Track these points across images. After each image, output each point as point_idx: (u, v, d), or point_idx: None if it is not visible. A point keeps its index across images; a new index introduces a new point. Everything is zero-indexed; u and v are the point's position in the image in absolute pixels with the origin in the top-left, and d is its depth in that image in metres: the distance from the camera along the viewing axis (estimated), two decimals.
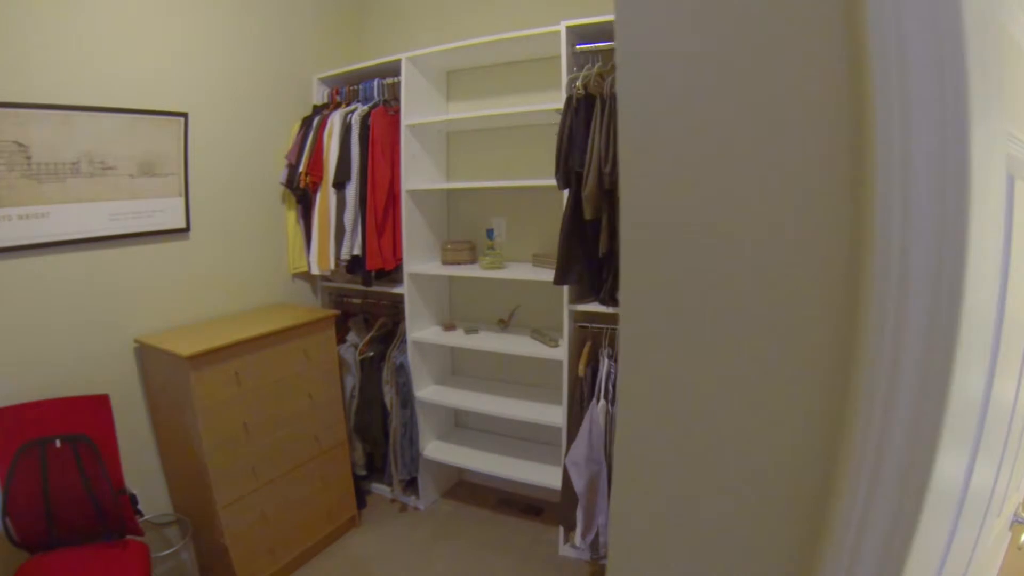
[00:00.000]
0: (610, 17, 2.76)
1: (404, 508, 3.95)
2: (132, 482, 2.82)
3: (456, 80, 3.91)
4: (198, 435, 2.85)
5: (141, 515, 2.75)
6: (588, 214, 2.82)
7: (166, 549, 3.08)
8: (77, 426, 2.64)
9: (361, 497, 3.86)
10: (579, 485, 2.99)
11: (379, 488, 4.09)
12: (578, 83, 2.90)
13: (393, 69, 3.62)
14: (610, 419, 2.94)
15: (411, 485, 3.92)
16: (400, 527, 3.76)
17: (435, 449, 3.85)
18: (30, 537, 2.54)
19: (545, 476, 3.47)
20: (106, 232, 3.02)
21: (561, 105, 2.99)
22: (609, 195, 2.81)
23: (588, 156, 2.81)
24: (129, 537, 2.66)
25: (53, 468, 2.57)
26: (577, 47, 3.04)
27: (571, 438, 3.11)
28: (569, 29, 2.97)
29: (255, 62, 3.70)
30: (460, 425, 4.23)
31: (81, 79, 2.87)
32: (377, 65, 3.68)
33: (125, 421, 2.94)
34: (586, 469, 2.97)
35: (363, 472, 4.00)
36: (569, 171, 2.89)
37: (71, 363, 2.91)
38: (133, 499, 2.71)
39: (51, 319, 2.85)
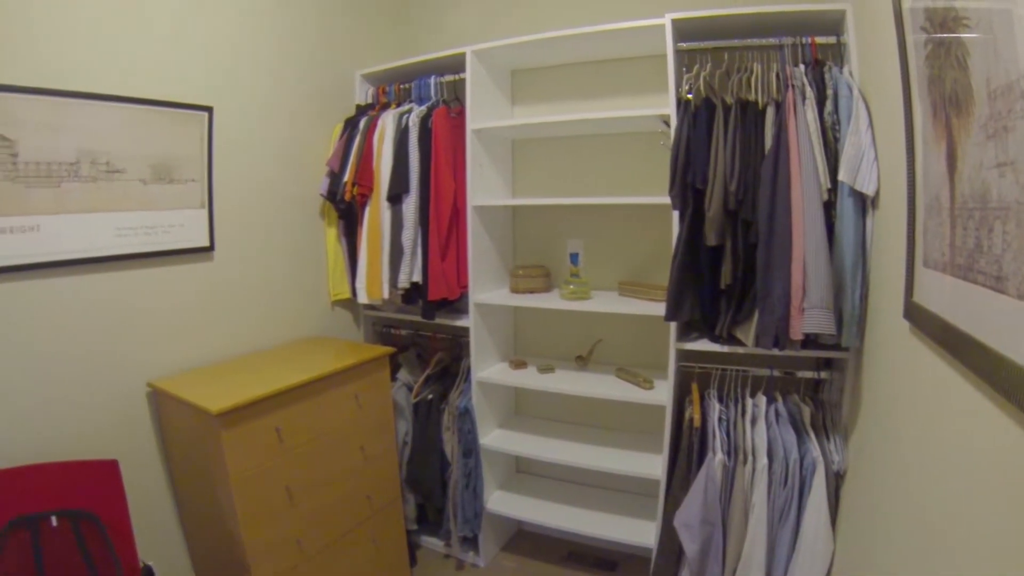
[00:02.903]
0: (724, 11, 2.54)
1: (461, 565, 3.65)
2: (147, 552, 2.52)
3: (521, 80, 3.64)
4: (231, 505, 2.49)
5: None
6: (712, 240, 2.57)
7: None
8: (78, 499, 2.28)
9: (411, 554, 3.54)
10: (691, 549, 2.71)
11: (430, 541, 3.79)
12: (698, 86, 2.66)
13: (451, 65, 3.34)
14: (728, 474, 2.68)
15: (469, 539, 3.61)
16: None
17: (498, 501, 3.57)
18: None
19: (623, 530, 3.22)
20: (111, 251, 2.62)
21: (666, 111, 2.76)
22: (733, 217, 2.55)
23: (710, 172, 2.55)
24: None
25: (49, 551, 2.20)
26: (680, 45, 2.78)
27: (670, 492, 2.86)
28: (675, 23, 2.70)
29: (290, 53, 3.38)
30: (522, 471, 3.95)
31: (83, 61, 2.48)
32: (433, 60, 3.38)
33: (137, 483, 2.57)
34: (700, 532, 2.69)
35: (413, 526, 3.70)
36: (686, 188, 2.62)
37: (68, 415, 2.51)
38: (149, 572, 2.43)
39: (42, 359, 2.44)
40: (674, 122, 2.69)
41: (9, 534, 2.11)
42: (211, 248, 3.01)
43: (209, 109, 2.93)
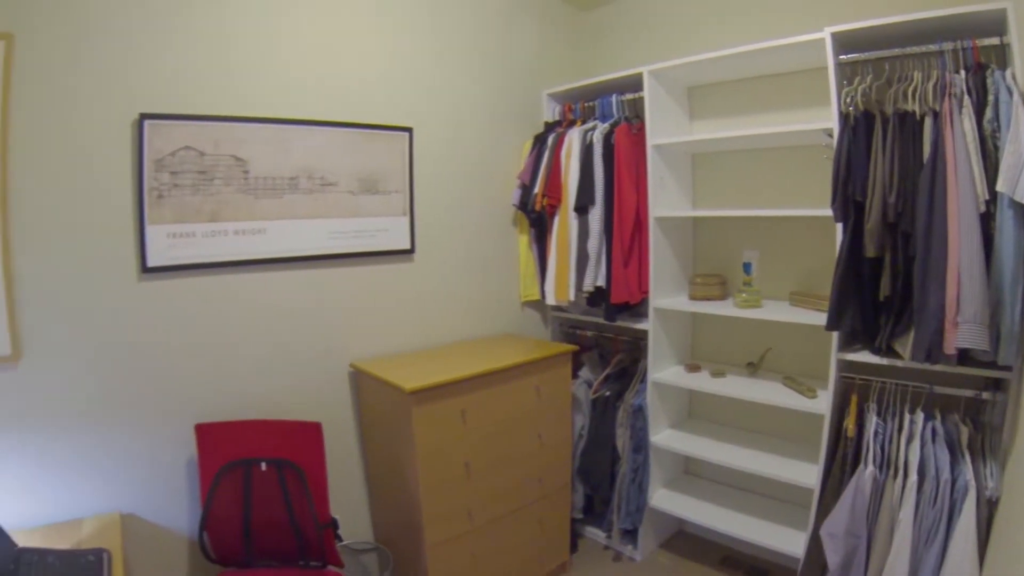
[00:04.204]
0: (881, 21, 2.44)
1: (619, 557, 3.71)
2: (334, 505, 2.79)
3: (698, 96, 3.67)
4: (415, 473, 2.77)
5: (340, 539, 2.73)
6: (870, 251, 2.49)
7: None
8: (286, 451, 2.62)
9: (573, 540, 3.66)
10: (834, 560, 2.63)
11: (592, 532, 3.91)
12: (856, 99, 2.57)
13: (631, 84, 3.46)
14: (877, 488, 2.54)
15: (629, 532, 3.67)
16: None
17: (662, 498, 3.60)
18: (226, 553, 2.58)
19: (778, 538, 3.12)
20: (325, 251, 3.04)
21: (828, 124, 2.70)
22: (892, 229, 2.45)
23: (869, 184, 2.47)
24: (328, 568, 2.62)
25: (256, 490, 2.58)
26: (841, 58, 2.70)
27: (822, 502, 2.77)
28: (834, 36, 2.64)
29: (483, 77, 3.67)
30: (690, 473, 3.95)
31: (300, 93, 2.92)
32: (613, 80, 3.52)
33: (333, 444, 2.89)
34: (844, 542, 2.60)
35: (579, 515, 3.84)
36: (847, 201, 2.56)
37: (283, 383, 2.95)
38: (334, 523, 2.67)
39: (265, 337, 2.89)
40: (836, 135, 2.62)
41: (227, 471, 2.53)
42: (412, 251, 3.35)
43: (409, 130, 3.28)
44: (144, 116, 2.45)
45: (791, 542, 3.03)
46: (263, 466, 2.56)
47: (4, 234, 2.19)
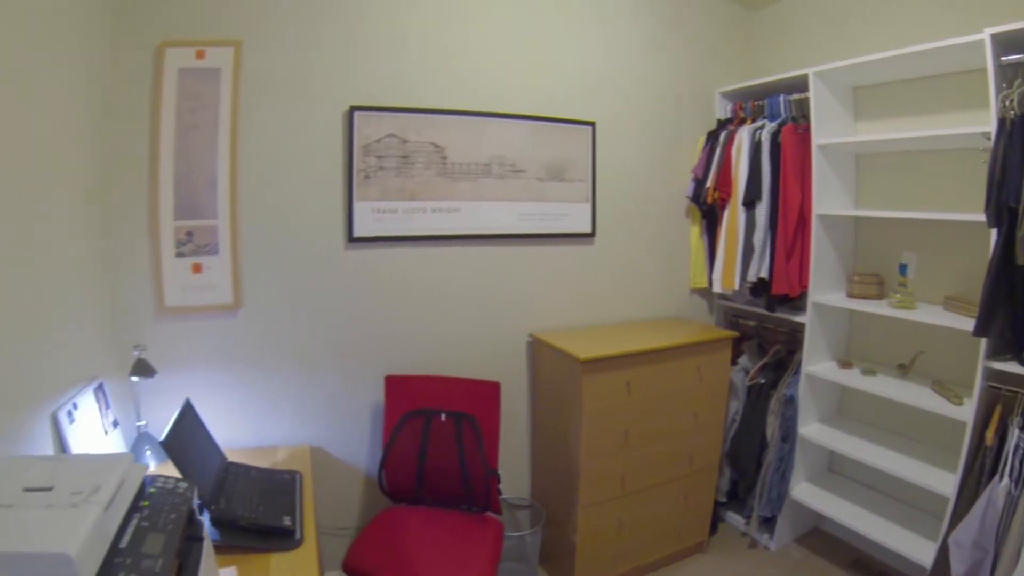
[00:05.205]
0: None
1: (754, 544, 3.75)
2: (499, 461, 2.99)
3: (863, 97, 3.56)
4: (578, 436, 2.99)
5: (500, 493, 2.93)
6: (1020, 259, 2.40)
7: (516, 531, 3.27)
8: (465, 405, 2.92)
9: (713, 523, 3.74)
10: (958, 570, 2.56)
11: (732, 517, 3.97)
12: (1014, 101, 2.44)
13: (797, 84, 3.45)
14: (1010, 502, 2.45)
15: (767, 522, 3.71)
16: (746, 564, 3.57)
17: (803, 491, 3.58)
18: (399, 490, 2.93)
19: (911, 546, 3.02)
20: (513, 230, 3.33)
21: (986, 128, 2.58)
22: None
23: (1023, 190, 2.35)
24: (488, 513, 2.87)
25: (434, 437, 2.90)
26: (1002, 59, 2.55)
27: (956, 512, 2.68)
28: (994, 38, 2.51)
29: (659, 75, 3.80)
30: (834, 471, 3.87)
31: (495, 88, 3.22)
32: (781, 80, 3.53)
33: (506, 405, 3.12)
34: (970, 554, 2.52)
35: (723, 499, 3.91)
36: (1001, 206, 2.46)
37: (466, 345, 3.27)
38: (496, 476, 2.88)
39: (453, 303, 3.23)
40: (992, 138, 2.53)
41: (410, 418, 2.90)
42: (592, 235, 3.59)
43: (592, 124, 3.51)
44: (354, 108, 2.89)
45: (921, 551, 2.94)
46: (443, 417, 2.89)
47: (232, 203, 2.69)
